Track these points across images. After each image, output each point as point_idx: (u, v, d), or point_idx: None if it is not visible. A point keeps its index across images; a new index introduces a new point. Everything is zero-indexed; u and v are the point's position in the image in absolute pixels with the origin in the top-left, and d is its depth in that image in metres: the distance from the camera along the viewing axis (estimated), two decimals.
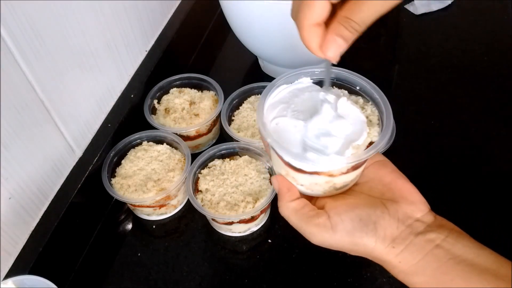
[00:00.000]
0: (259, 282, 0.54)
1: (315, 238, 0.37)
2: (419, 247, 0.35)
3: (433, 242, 0.35)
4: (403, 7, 0.88)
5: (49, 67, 0.50)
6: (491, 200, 0.59)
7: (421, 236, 0.35)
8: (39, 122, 0.50)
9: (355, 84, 0.41)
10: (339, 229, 0.36)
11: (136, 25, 0.66)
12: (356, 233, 0.35)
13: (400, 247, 0.35)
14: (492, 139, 0.66)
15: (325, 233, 0.36)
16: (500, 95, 0.72)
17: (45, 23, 0.48)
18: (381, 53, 0.83)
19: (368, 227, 0.35)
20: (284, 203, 0.38)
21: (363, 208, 0.36)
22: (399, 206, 0.36)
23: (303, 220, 0.37)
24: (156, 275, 0.55)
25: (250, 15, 0.63)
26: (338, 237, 0.36)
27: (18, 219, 0.49)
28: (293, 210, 0.38)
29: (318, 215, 0.37)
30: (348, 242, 0.36)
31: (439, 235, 0.35)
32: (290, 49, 0.65)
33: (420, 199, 0.37)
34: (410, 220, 0.36)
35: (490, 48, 0.79)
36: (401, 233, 0.35)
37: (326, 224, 0.36)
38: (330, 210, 0.37)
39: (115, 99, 0.64)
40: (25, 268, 0.48)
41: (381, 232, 0.35)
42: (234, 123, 0.65)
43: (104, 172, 0.58)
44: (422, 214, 0.36)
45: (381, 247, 0.35)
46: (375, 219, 0.35)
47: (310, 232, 0.37)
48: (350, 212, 0.36)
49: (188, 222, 0.61)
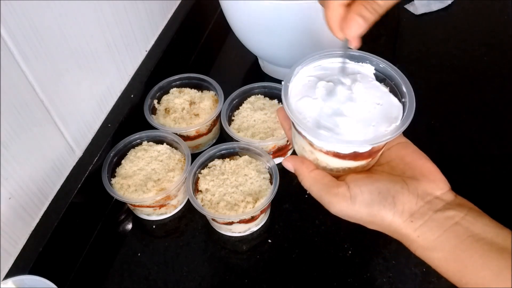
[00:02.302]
0: (259, 282, 0.54)
1: (334, 207, 0.37)
2: (438, 223, 0.35)
3: (452, 219, 0.35)
4: (403, 7, 0.88)
5: (49, 67, 0.50)
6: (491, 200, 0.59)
7: (440, 212, 0.35)
8: (39, 122, 0.50)
9: (375, 66, 0.42)
10: (358, 200, 0.36)
11: (136, 25, 0.66)
12: (374, 205, 0.36)
13: (419, 221, 0.35)
14: (492, 139, 0.66)
15: (343, 203, 0.37)
16: (500, 95, 0.72)
17: (45, 23, 0.48)
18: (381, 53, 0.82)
19: (387, 200, 0.36)
20: (305, 174, 0.39)
21: (383, 182, 0.37)
22: (419, 183, 0.37)
23: (323, 189, 0.38)
24: (156, 275, 0.55)
25: (250, 15, 0.63)
26: (357, 208, 0.36)
27: (18, 219, 0.49)
28: (313, 180, 0.38)
29: (338, 185, 0.38)
30: (366, 214, 0.36)
31: (458, 213, 0.35)
32: (290, 49, 0.65)
33: (440, 178, 0.38)
34: (429, 197, 0.36)
35: (490, 48, 0.79)
36: (420, 208, 0.36)
37: (345, 194, 0.37)
38: (351, 181, 0.37)
39: (115, 99, 0.64)
40: (25, 268, 0.48)
41: (399, 206, 0.36)
42: (234, 123, 0.65)
43: (104, 172, 0.58)
44: (442, 192, 0.37)
45: (399, 221, 0.36)
46: (393, 193, 0.36)
47: (329, 201, 0.37)
48: (370, 185, 0.37)
49: (188, 222, 0.61)
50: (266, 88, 0.68)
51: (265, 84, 0.68)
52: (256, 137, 0.61)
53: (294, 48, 0.65)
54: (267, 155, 0.58)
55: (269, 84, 0.68)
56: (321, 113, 0.38)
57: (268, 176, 0.58)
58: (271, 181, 0.57)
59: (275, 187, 0.55)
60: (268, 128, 0.63)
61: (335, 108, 0.38)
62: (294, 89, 0.41)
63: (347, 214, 0.37)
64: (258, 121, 0.64)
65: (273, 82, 0.68)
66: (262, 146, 0.60)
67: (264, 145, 0.61)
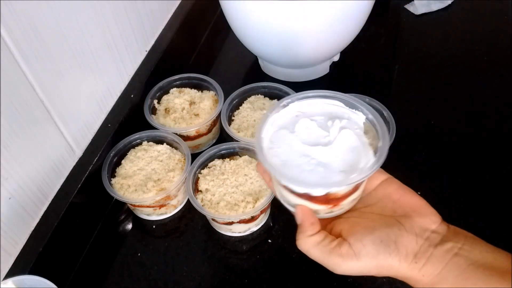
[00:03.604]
0: (259, 282, 0.54)
1: (340, 268, 0.37)
2: (440, 258, 0.35)
3: (451, 251, 0.35)
4: (403, 7, 0.88)
5: (49, 67, 0.50)
6: (491, 200, 0.59)
7: (439, 247, 0.36)
8: (39, 122, 0.50)
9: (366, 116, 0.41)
10: (363, 254, 0.36)
11: (136, 25, 0.66)
12: (380, 255, 0.36)
13: (422, 260, 0.35)
14: (492, 139, 0.66)
15: (349, 262, 0.36)
16: (500, 95, 0.72)
17: (45, 23, 0.48)
18: (381, 53, 0.83)
19: (390, 248, 0.36)
20: (305, 237, 0.38)
21: (381, 228, 0.37)
22: (413, 221, 0.37)
23: (326, 252, 0.37)
24: (156, 275, 0.55)
25: (250, 15, 0.63)
26: (363, 263, 0.36)
27: (18, 219, 0.49)
28: (313, 244, 0.38)
29: (340, 245, 0.37)
30: (373, 266, 0.36)
31: (456, 243, 0.36)
32: (290, 49, 0.65)
33: (431, 211, 0.38)
34: (427, 233, 0.36)
35: (490, 48, 0.79)
36: (421, 247, 0.36)
37: (349, 252, 0.36)
38: (350, 237, 0.37)
39: (115, 99, 0.64)
40: (25, 268, 0.48)
41: (403, 250, 0.36)
42: (234, 123, 0.65)
43: (104, 172, 0.58)
44: (436, 226, 0.37)
45: (405, 265, 0.36)
46: (394, 238, 0.36)
47: (334, 263, 0.37)
48: (370, 235, 0.36)
49: (188, 222, 0.61)
50: (266, 88, 0.68)
51: (265, 84, 0.68)
52: None
53: (294, 48, 0.65)
54: None
55: (269, 84, 0.68)
56: (292, 149, 0.39)
57: None
58: None
59: None
60: None
61: (307, 147, 0.39)
62: (278, 120, 0.42)
63: (355, 271, 0.37)
64: (258, 121, 0.64)
65: (273, 82, 0.68)
66: None
67: None
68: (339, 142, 0.39)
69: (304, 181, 0.37)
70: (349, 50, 0.70)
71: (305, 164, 0.38)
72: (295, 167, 0.38)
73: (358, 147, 0.39)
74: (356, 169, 0.37)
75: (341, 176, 0.37)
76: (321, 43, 0.65)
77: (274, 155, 0.39)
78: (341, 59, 0.75)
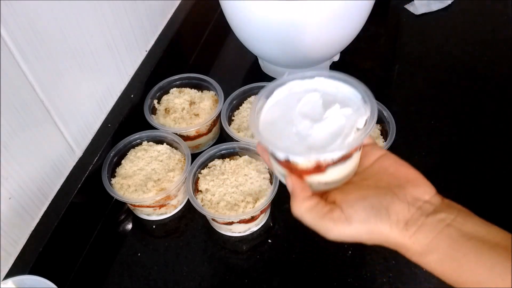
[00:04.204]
0: (259, 282, 0.54)
1: (332, 232, 0.37)
2: (431, 227, 0.35)
3: (444, 222, 0.35)
4: (403, 7, 0.88)
5: (49, 67, 0.50)
6: (491, 200, 0.59)
7: (431, 216, 0.36)
8: (39, 122, 0.50)
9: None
10: (354, 219, 0.36)
11: (136, 25, 0.66)
12: (371, 220, 0.36)
13: (413, 228, 0.36)
14: (492, 139, 0.66)
15: (340, 226, 0.37)
16: (500, 95, 0.72)
17: (45, 23, 0.48)
18: (381, 53, 0.83)
19: (381, 213, 0.36)
20: (298, 203, 0.39)
21: (374, 196, 0.37)
22: (407, 190, 0.37)
23: (318, 217, 0.38)
24: (156, 275, 0.55)
25: (250, 15, 0.63)
26: (354, 228, 0.37)
27: (18, 219, 0.49)
28: (306, 209, 0.38)
29: (332, 210, 0.38)
30: (364, 232, 0.37)
31: (449, 215, 0.36)
32: (290, 49, 0.65)
33: (426, 182, 0.38)
34: (419, 203, 0.37)
35: (490, 48, 0.79)
36: (413, 215, 0.36)
37: (340, 217, 0.37)
38: (342, 203, 0.38)
39: (115, 99, 0.64)
40: (25, 268, 0.48)
41: (394, 217, 0.36)
42: (234, 123, 0.65)
43: (104, 172, 0.58)
44: (430, 196, 0.37)
45: (396, 231, 0.36)
46: (386, 204, 0.36)
47: (326, 228, 0.37)
48: (362, 202, 0.37)
49: (188, 222, 0.61)
50: None
51: (265, 84, 0.68)
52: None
53: (294, 48, 0.65)
54: None
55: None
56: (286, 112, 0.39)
57: (268, 176, 0.58)
58: (271, 181, 0.57)
59: (275, 187, 0.55)
60: None
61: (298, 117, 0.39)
62: (296, 86, 0.42)
63: (346, 236, 0.37)
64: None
65: None
66: None
67: None
68: (328, 124, 0.39)
69: (270, 142, 0.38)
70: (349, 50, 0.70)
71: (287, 130, 0.38)
72: (277, 130, 0.39)
73: (345, 134, 0.38)
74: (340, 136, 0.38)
75: (305, 149, 0.37)
76: (321, 43, 0.65)
77: (270, 112, 0.40)
78: (341, 59, 0.75)
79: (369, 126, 0.37)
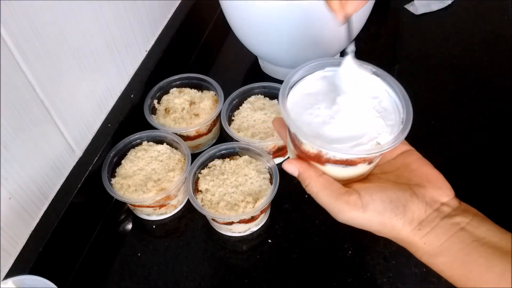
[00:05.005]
0: (259, 282, 0.54)
1: (344, 215, 0.37)
2: (445, 229, 0.35)
3: (458, 225, 0.35)
4: (403, 7, 0.88)
5: (49, 67, 0.50)
6: (491, 200, 0.59)
7: (446, 219, 0.36)
8: (39, 122, 0.50)
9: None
10: (370, 208, 0.36)
11: (136, 25, 0.66)
12: (386, 213, 0.36)
13: (426, 229, 0.36)
14: (492, 139, 0.66)
15: (355, 211, 0.36)
16: (500, 95, 0.72)
17: (45, 23, 0.48)
18: (381, 53, 0.83)
19: (398, 209, 0.36)
20: (313, 179, 0.38)
21: (393, 190, 0.37)
22: (426, 191, 0.37)
23: (333, 196, 0.37)
24: (156, 275, 0.55)
25: (250, 15, 0.63)
26: (368, 216, 0.36)
27: (18, 219, 0.49)
28: (322, 186, 0.37)
29: (349, 193, 0.37)
30: (377, 222, 0.36)
31: (464, 218, 0.36)
32: (290, 49, 0.65)
33: (446, 185, 0.38)
34: (437, 204, 0.37)
35: (490, 48, 0.79)
36: (428, 216, 0.36)
37: (357, 202, 0.36)
38: (361, 189, 0.37)
39: (115, 99, 0.64)
40: (25, 268, 0.48)
41: (409, 215, 0.36)
42: (234, 123, 0.65)
43: (104, 172, 0.58)
44: (448, 199, 0.37)
45: (408, 229, 0.36)
46: (404, 201, 0.36)
47: (339, 209, 0.37)
48: (381, 193, 0.37)
49: (188, 222, 0.61)
50: (266, 88, 0.68)
51: (265, 84, 0.68)
52: (256, 137, 0.61)
53: (294, 48, 0.65)
54: (267, 155, 0.58)
55: (269, 84, 0.68)
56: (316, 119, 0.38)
57: (268, 176, 0.58)
58: (271, 181, 0.57)
59: (275, 187, 0.55)
60: (268, 128, 0.63)
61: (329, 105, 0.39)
62: (303, 87, 0.41)
63: (357, 222, 0.37)
64: (258, 121, 0.64)
65: (273, 82, 0.68)
66: (262, 146, 0.60)
67: (264, 145, 0.61)
68: (354, 122, 0.38)
69: (295, 124, 0.37)
70: None
71: (315, 106, 0.38)
72: (309, 103, 0.38)
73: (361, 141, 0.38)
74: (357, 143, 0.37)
75: (315, 134, 0.37)
76: (321, 43, 0.65)
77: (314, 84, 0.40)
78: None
79: (385, 147, 0.36)
